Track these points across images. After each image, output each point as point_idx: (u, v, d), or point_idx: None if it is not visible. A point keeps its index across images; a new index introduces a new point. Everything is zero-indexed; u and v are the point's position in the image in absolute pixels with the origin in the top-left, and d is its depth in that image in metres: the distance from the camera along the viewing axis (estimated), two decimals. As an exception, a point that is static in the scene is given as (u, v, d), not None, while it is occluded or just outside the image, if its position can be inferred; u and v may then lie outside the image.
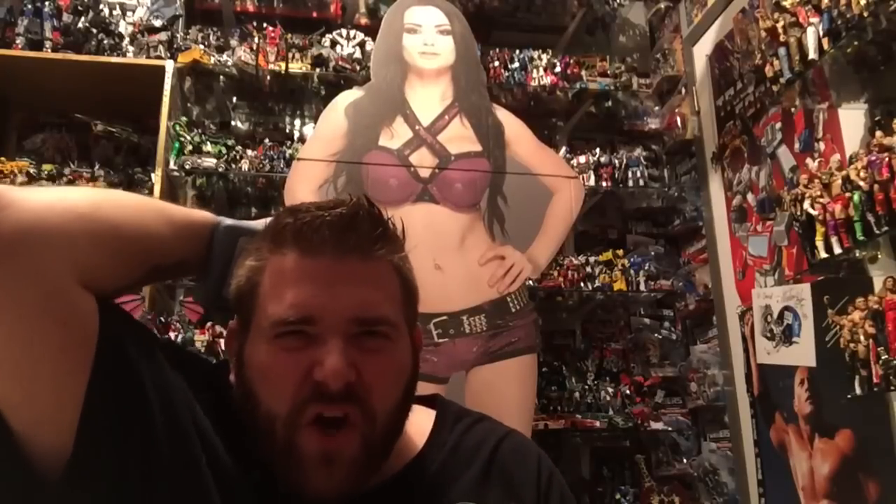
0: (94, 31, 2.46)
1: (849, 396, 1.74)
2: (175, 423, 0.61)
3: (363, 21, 2.86)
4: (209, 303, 0.73)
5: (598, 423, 2.28)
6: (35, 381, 0.56)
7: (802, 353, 1.83)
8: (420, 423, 0.74)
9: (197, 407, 0.64)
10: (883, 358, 1.63)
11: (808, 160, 1.86)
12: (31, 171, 2.34)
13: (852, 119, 1.90)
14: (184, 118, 2.48)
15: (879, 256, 1.79)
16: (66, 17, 2.47)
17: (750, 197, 2.16)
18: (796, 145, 1.96)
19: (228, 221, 0.73)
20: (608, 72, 2.70)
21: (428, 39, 1.79)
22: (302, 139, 2.62)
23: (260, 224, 0.75)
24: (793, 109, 1.98)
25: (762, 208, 2.09)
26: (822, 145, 1.87)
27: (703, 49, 2.50)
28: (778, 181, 2.01)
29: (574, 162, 2.41)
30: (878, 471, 1.63)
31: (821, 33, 1.78)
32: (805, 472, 1.82)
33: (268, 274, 0.65)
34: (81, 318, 0.58)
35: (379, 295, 0.65)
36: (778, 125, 2.05)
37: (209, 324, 2.04)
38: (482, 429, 0.76)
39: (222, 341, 2.15)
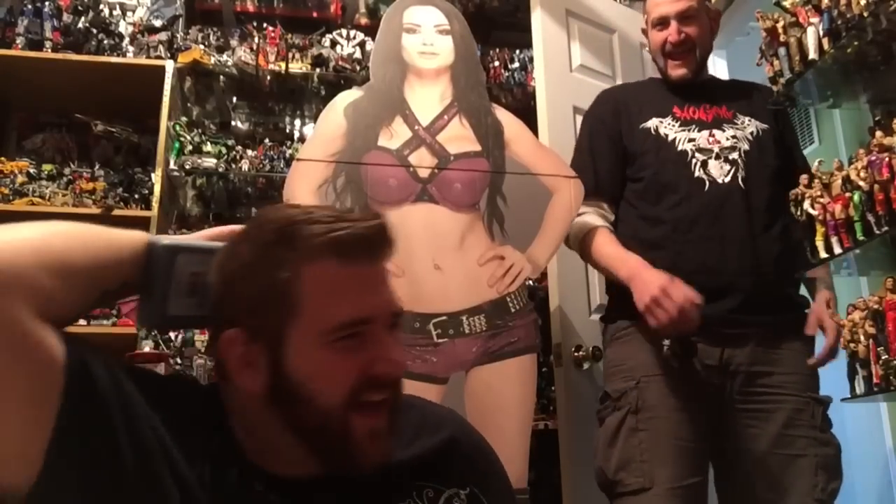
0: (94, 31, 2.47)
1: (849, 396, 1.74)
2: (140, 441, 0.64)
3: (363, 21, 2.86)
4: (153, 323, 0.77)
5: (598, 423, 2.27)
6: (3, 423, 0.58)
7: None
8: None
9: (157, 419, 0.67)
10: (883, 358, 1.63)
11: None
12: (31, 171, 2.34)
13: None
14: (184, 118, 2.49)
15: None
16: (66, 17, 2.47)
17: (750, 197, 2.15)
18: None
19: (165, 240, 0.75)
20: (608, 71, 2.70)
21: (427, 39, 1.78)
22: (302, 139, 2.63)
23: (196, 239, 0.79)
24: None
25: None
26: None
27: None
28: (778, 181, 2.01)
29: (574, 162, 2.41)
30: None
31: (821, 33, 1.77)
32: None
33: (307, 282, 0.68)
34: (47, 352, 0.60)
35: (393, 291, 0.74)
36: (778, 125, 2.05)
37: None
38: (433, 414, 0.87)
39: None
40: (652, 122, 1.70)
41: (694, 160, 1.64)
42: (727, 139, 1.66)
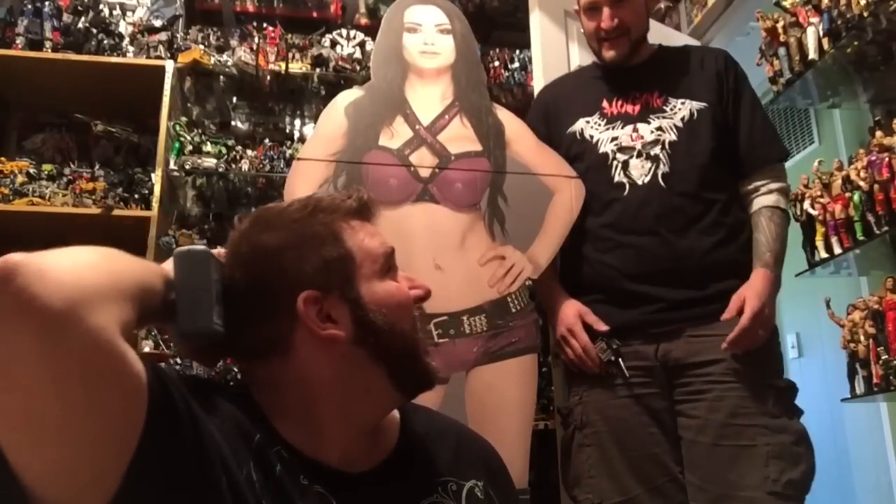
0: (94, 31, 2.46)
1: (849, 396, 1.74)
2: (209, 456, 0.64)
3: (363, 21, 2.86)
4: (205, 327, 0.72)
5: (598, 423, 2.27)
6: (92, 446, 0.56)
7: (802, 352, 1.83)
8: (392, 414, 0.89)
9: (213, 426, 0.66)
10: (883, 358, 1.63)
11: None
12: (31, 171, 2.34)
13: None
14: (184, 118, 2.48)
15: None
16: (66, 17, 2.47)
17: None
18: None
19: (197, 246, 0.77)
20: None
21: (428, 38, 1.78)
22: (302, 139, 2.63)
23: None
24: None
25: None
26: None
27: (703, 49, 2.49)
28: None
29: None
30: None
31: (821, 33, 1.78)
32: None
33: (349, 236, 0.82)
34: (136, 371, 0.59)
35: None
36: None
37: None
38: (438, 417, 0.96)
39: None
40: (578, 125, 1.69)
41: (615, 162, 1.62)
42: (651, 132, 1.61)
